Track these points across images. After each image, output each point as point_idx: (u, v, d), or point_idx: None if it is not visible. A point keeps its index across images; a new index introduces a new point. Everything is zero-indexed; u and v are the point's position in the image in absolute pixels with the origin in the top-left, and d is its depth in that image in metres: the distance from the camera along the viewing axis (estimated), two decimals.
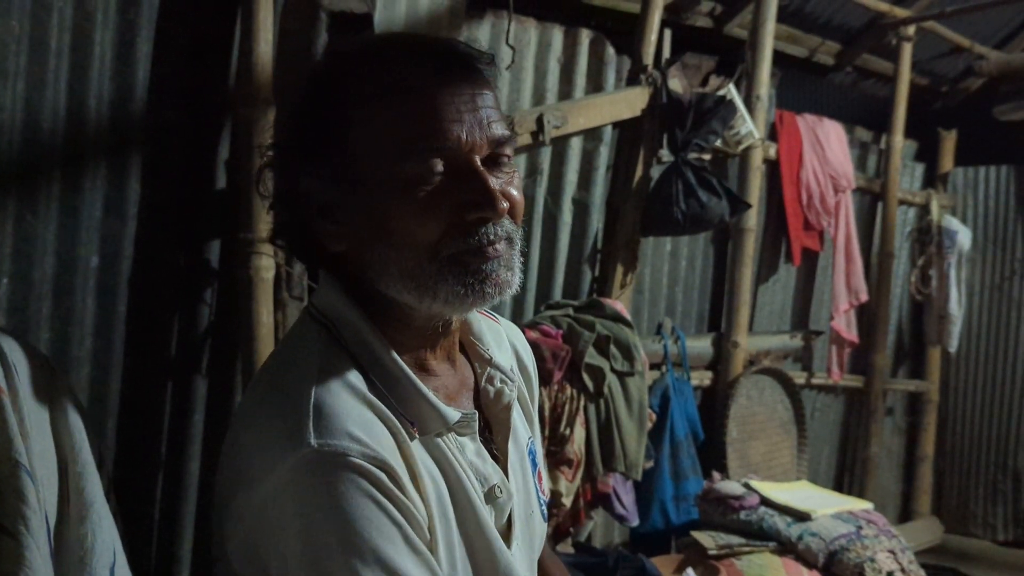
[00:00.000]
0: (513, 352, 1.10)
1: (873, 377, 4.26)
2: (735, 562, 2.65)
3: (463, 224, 0.86)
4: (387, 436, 0.85)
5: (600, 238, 3.03)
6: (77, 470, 1.19)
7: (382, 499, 0.80)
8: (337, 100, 0.88)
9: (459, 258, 0.87)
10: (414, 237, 0.86)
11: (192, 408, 2.17)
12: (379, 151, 0.86)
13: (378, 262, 0.88)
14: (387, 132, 0.86)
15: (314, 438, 0.80)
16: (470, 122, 0.86)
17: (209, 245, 2.19)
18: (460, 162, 0.86)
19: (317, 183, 0.89)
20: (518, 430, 1.03)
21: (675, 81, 3.11)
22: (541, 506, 1.05)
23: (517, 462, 1.01)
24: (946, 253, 4.40)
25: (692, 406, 3.24)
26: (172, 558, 2.16)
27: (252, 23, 2.03)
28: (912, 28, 4.07)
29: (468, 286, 0.87)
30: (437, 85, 0.86)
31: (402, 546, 0.80)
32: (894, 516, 4.56)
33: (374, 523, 0.79)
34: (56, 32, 1.90)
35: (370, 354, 0.90)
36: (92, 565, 1.15)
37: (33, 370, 1.18)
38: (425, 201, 0.85)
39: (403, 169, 0.85)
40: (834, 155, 3.91)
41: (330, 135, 0.88)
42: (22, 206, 1.89)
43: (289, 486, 0.80)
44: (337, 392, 0.85)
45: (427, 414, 0.89)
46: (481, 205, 0.86)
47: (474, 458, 0.93)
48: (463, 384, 0.99)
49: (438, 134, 0.85)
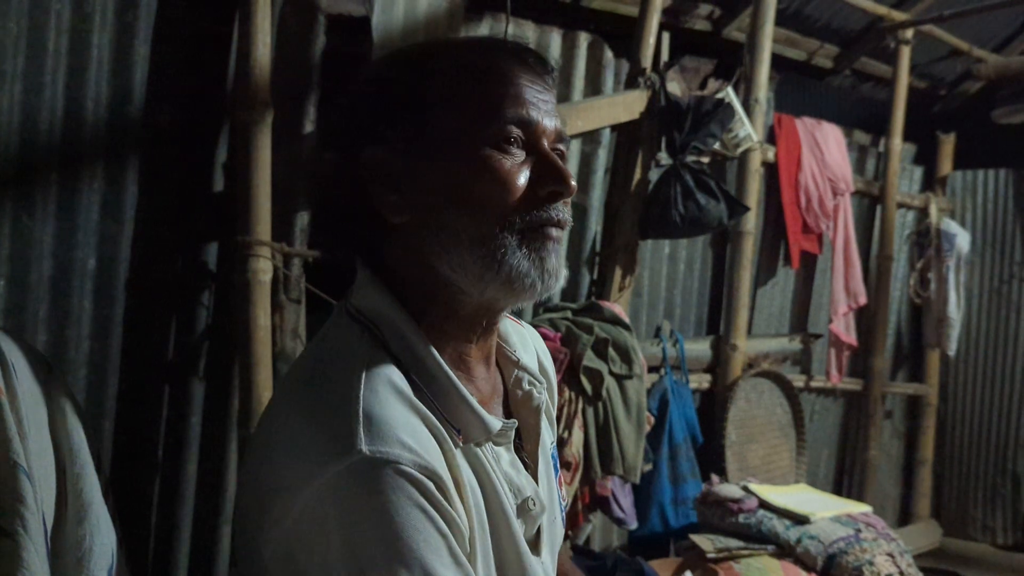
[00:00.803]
0: (536, 355, 1.09)
1: (872, 380, 4.26)
2: (734, 565, 2.64)
3: (536, 198, 0.89)
4: (434, 444, 0.83)
5: (598, 241, 3.03)
6: (75, 471, 1.19)
7: (430, 509, 0.78)
8: (417, 71, 0.91)
9: (529, 229, 0.89)
10: (492, 202, 0.87)
11: (189, 411, 2.17)
12: (461, 117, 0.88)
13: (448, 229, 0.88)
14: (471, 100, 0.89)
15: (365, 444, 0.77)
16: (544, 109, 0.91)
17: (206, 248, 2.19)
18: (534, 140, 0.91)
19: (384, 153, 0.90)
20: (544, 435, 1.02)
21: (673, 84, 3.11)
22: (562, 511, 1.06)
23: (544, 469, 1.01)
24: (945, 256, 4.40)
25: (691, 409, 3.23)
26: (169, 561, 2.16)
27: (250, 26, 2.03)
28: (910, 31, 4.07)
29: (532, 261, 0.88)
30: (518, 70, 0.91)
31: (447, 559, 0.79)
32: (893, 519, 4.55)
33: (422, 534, 0.77)
34: (54, 34, 1.90)
35: (414, 357, 0.88)
36: (90, 566, 1.15)
37: (32, 370, 1.18)
38: (505, 169, 0.88)
39: (483, 134, 0.88)
40: (833, 158, 3.92)
41: (407, 104, 0.90)
42: (19, 208, 1.88)
43: (336, 492, 0.77)
44: (386, 397, 0.82)
45: (471, 422, 0.88)
46: (556, 180, 0.89)
47: (508, 468, 0.93)
48: (495, 389, 0.98)
49: (519, 107, 0.89)
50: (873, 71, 4.43)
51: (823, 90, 4.46)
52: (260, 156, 2.04)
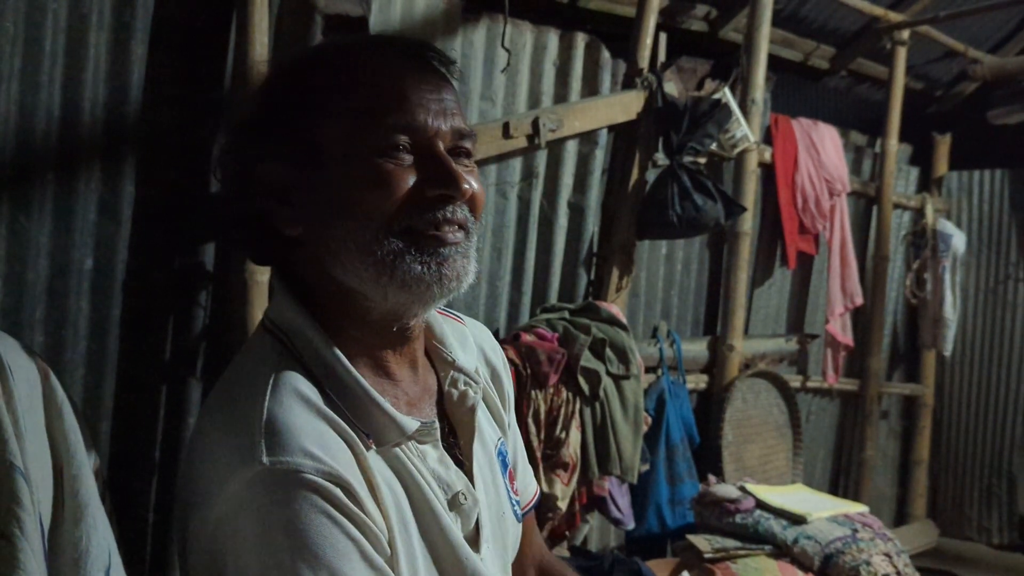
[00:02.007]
0: (480, 352, 1.09)
1: (868, 380, 4.26)
2: (731, 565, 2.64)
3: (424, 200, 0.88)
4: (343, 449, 0.83)
5: (596, 241, 3.04)
6: (72, 472, 1.19)
7: (338, 516, 0.79)
8: (303, 84, 0.90)
9: (415, 232, 0.87)
10: (374, 208, 0.86)
11: (186, 411, 2.17)
12: (345, 128, 0.87)
13: (336, 239, 0.88)
14: (354, 110, 0.88)
15: (266, 456, 0.78)
16: (435, 110, 0.89)
17: (204, 248, 2.18)
18: (424, 144, 0.88)
19: (276, 166, 0.90)
20: (484, 432, 1.01)
21: (670, 85, 3.12)
22: (514, 507, 1.04)
23: (485, 465, 1.00)
24: (941, 257, 4.41)
25: (688, 409, 3.23)
26: (166, 562, 2.15)
27: (247, 26, 2.03)
28: (906, 32, 4.08)
29: (425, 265, 0.87)
30: (405, 72, 0.89)
31: (359, 563, 0.79)
32: (889, 519, 4.56)
33: (329, 540, 0.78)
34: (50, 34, 1.90)
35: (323, 365, 0.88)
36: (87, 567, 1.15)
37: (28, 371, 1.18)
38: (387, 174, 0.87)
39: (368, 143, 0.87)
40: (829, 159, 3.92)
41: (293, 116, 0.89)
42: (16, 208, 1.88)
43: (243, 505, 0.78)
44: (290, 406, 0.83)
45: (383, 424, 0.88)
46: (444, 182, 0.88)
47: (436, 465, 0.92)
48: (425, 390, 0.98)
49: (405, 113, 0.87)
50: (869, 72, 4.44)
51: (819, 91, 4.47)
52: None
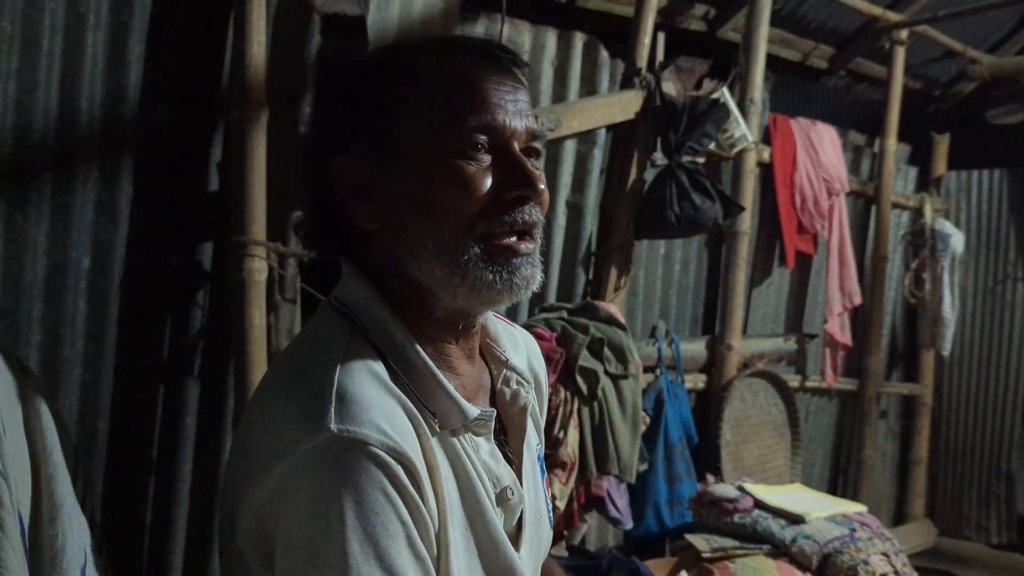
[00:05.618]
0: (527, 358, 1.10)
1: (867, 380, 4.26)
2: (729, 565, 2.64)
3: (502, 203, 0.89)
4: (409, 428, 0.84)
5: (594, 241, 3.03)
6: (48, 472, 1.20)
7: (394, 495, 0.79)
8: (383, 81, 0.91)
9: (492, 239, 0.88)
10: (454, 208, 0.87)
11: (184, 411, 2.17)
12: (425, 127, 0.88)
13: (413, 237, 0.89)
14: (434, 109, 0.88)
15: (335, 423, 0.79)
16: (512, 111, 0.90)
17: (202, 247, 2.18)
18: (502, 144, 0.90)
19: (354, 162, 0.91)
20: (530, 435, 1.03)
21: (669, 84, 3.11)
22: (549, 512, 1.05)
23: (529, 466, 1.01)
24: (939, 256, 4.41)
25: (686, 409, 3.23)
26: (164, 561, 2.15)
27: (245, 25, 2.03)
28: (905, 32, 4.08)
29: (497, 273, 0.88)
30: (483, 73, 0.90)
31: (403, 547, 0.79)
32: (888, 519, 4.56)
33: (381, 518, 0.78)
34: (48, 33, 1.90)
35: (392, 344, 0.89)
36: (63, 565, 1.16)
37: (7, 371, 1.18)
38: (468, 175, 0.88)
39: (449, 143, 0.88)
40: (828, 158, 3.92)
41: (372, 114, 0.91)
42: (13, 208, 1.88)
43: (304, 470, 0.79)
44: (361, 379, 0.84)
45: (447, 408, 0.89)
46: (522, 184, 0.89)
47: (487, 458, 0.93)
48: (480, 386, 0.99)
49: (484, 113, 0.88)
50: (868, 72, 4.44)
51: (818, 91, 4.47)
52: (255, 155, 2.04)
